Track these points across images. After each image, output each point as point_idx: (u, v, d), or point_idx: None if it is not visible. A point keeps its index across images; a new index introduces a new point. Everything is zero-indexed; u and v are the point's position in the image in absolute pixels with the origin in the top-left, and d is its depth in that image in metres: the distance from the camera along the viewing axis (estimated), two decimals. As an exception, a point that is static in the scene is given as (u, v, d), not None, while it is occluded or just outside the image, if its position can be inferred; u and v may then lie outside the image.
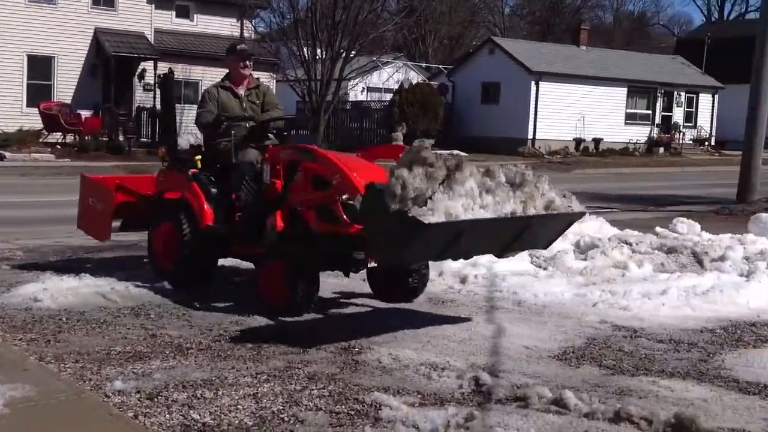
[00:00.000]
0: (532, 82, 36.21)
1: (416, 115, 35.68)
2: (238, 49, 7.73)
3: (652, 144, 39.15)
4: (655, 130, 40.10)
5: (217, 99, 7.43)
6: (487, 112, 37.46)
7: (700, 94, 42.17)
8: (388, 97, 39.13)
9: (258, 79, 8.14)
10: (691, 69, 43.11)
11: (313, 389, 4.66)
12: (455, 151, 6.44)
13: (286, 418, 4.23)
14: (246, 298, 6.80)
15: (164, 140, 7.95)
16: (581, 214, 6.19)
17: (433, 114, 36.24)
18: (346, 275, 6.74)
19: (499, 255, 6.27)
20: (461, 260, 6.82)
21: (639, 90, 39.89)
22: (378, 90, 43.69)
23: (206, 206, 7.06)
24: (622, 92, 39.14)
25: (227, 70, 7.67)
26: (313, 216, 6.47)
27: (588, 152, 36.82)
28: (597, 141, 37.42)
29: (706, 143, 41.71)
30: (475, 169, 5.45)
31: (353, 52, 33.01)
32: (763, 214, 10.03)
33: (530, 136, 36.24)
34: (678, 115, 41.34)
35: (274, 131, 7.40)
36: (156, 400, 4.42)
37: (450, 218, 5.07)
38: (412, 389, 4.72)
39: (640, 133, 39.41)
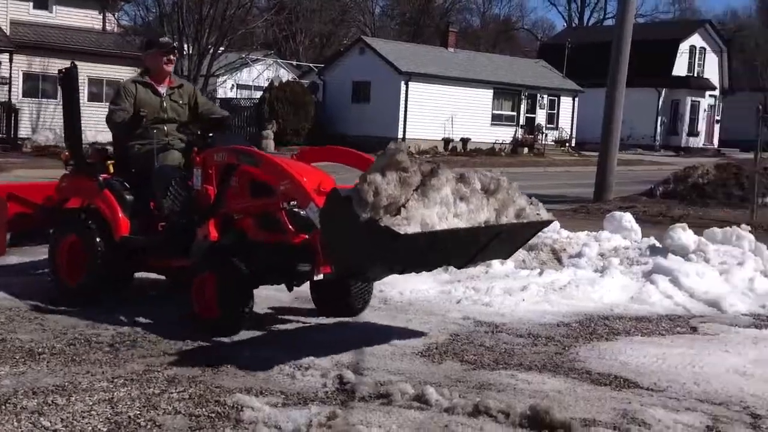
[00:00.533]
0: (402, 82, 36.68)
1: (287, 113, 35.49)
2: (162, 42, 7.03)
3: (517, 144, 40.37)
4: (520, 131, 41.37)
5: (134, 96, 6.71)
6: (358, 111, 37.67)
7: (562, 97, 43.82)
8: (258, 94, 38.74)
9: (179, 77, 7.51)
10: (553, 73, 44.73)
11: (172, 392, 4.54)
12: None
13: (143, 423, 4.10)
14: (104, 300, 6.55)
15: (68, 141, 7.07)
16: (549, 222, 5.91)
17: (303, 112, 36.15)
18: (289, 289, 6.21)
19: (462, 266, 5.92)
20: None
21: (504, 92, 41.06)
22: (248, 87, 43.19)
23: (121, 215, 6.37)
24: (488, 94, 40.18)
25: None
26: (252, 225, 6.00)
27: (456, 152, 37.59)
28: (465, 141, 38.27)
29: (567, 144, 43.37)
30: (451, 174, 5.11)
31: (221, 48, 32.49)
32: (617, 213, 10.49)
33: (400, 136, 36.63)
34: (541, 116, 42.80)
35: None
36: (4, 407, 4.19)
37: (425, 228, 4.72)
38: (276, 389, 4.67)
39: (505, 134, 40.56)
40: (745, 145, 33.88)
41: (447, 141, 38.01)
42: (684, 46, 49.42)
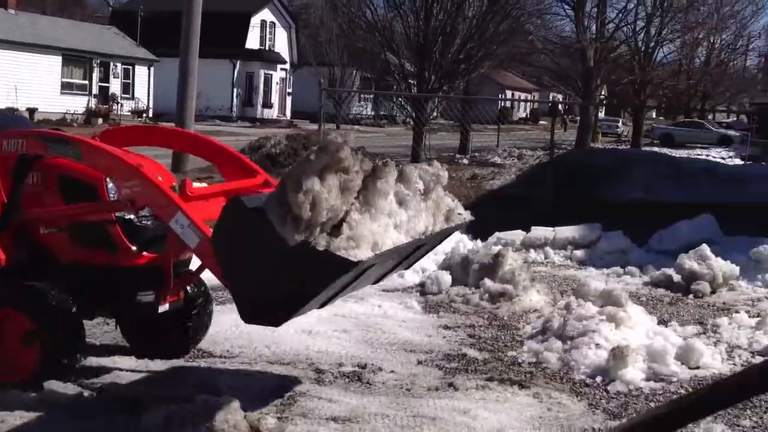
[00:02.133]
0: (-46, 45, 33.03)
1: None
2: None
3: (90, 114, 38.62)
4: (93, 100, 39.67)
5: None
6: None
7: (137, 66, 42.78)
8: None
9: None
10: (127, 41, 43.47)
11: None
12: None
13: None
14: None
15: None
16: (468, 223, 4.76)
17: None
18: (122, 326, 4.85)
19: (364, 286, 4.65)
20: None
21: (75, 59, 38.98)
22: None
23: None
24: (56, 61, 37.83)
25: None
26: (66, 241, 4.50)
27: (23, 123, 34.93)
28: (32, 111, 35.56)
29: (145, 115, 42.55)
30: (396, 172, 3.87)
31: None
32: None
33: (-45, 104, 33.05)
34: (116, 86, 41.40)
35: None
36: None
37: (376, 249, 3.50)
38: None
39: (77, 104, 38.59)
40: (314, 116, 36.17)
41: (12, 111, 35.07)
42: (255, 20, 51.06)
